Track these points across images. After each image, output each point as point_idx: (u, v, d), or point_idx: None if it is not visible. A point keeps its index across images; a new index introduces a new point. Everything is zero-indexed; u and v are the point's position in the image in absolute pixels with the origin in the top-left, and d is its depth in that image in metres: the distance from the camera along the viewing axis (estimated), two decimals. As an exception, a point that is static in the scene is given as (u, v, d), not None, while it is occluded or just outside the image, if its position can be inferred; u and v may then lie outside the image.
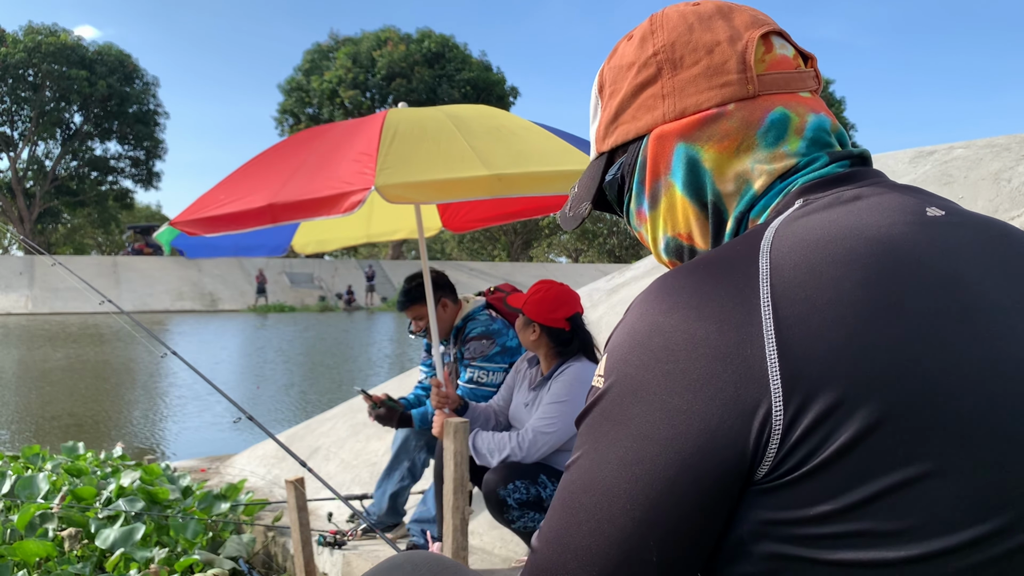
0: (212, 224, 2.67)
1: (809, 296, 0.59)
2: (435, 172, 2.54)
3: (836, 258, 0.61)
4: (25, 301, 30.36)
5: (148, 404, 10.25)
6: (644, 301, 0.65)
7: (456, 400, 2.79)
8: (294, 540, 2.91)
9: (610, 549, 0.61)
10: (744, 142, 0.73)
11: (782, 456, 0.57)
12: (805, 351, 0.57)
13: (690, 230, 0.77)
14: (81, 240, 56.84)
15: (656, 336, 0.62)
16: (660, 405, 0.60)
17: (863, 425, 0.56)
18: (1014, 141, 3.60)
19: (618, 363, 0.64)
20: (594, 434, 0.64)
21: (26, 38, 41.17)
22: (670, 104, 0.76)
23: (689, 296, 0.62)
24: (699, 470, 0.58)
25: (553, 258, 60.30)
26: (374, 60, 43.78)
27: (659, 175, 0.77)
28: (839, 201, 0.67)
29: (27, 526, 3.24)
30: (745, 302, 0.60)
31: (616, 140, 0.81)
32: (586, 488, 0.63)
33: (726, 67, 0.74)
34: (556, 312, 2.65)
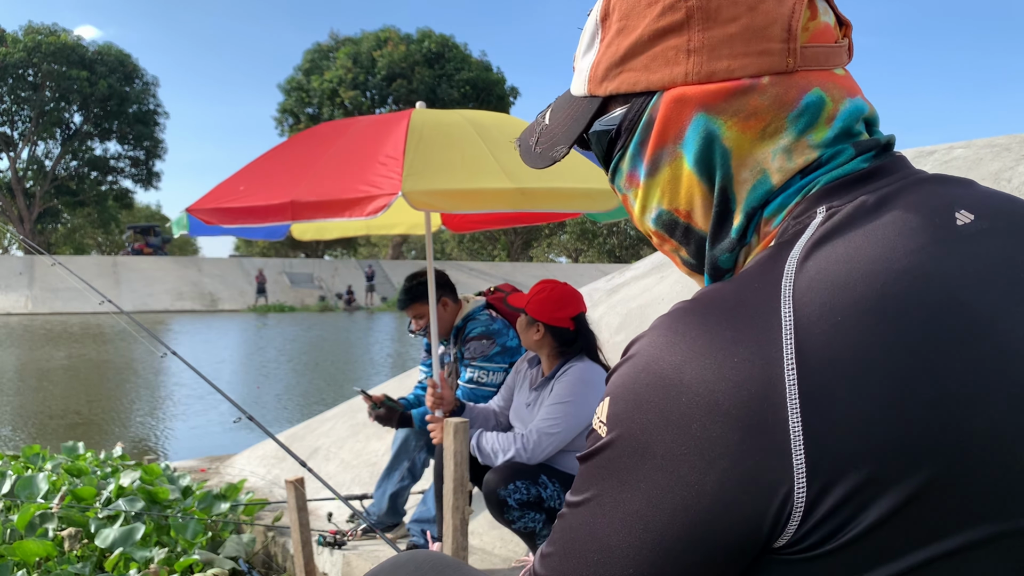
0: (231, 215, 2.64)
1: (838, 356, 0.53)
2: (460, 181, 2.53)
3: (866, 305, 0.54)
4: (25, 301, 30.36)
5: (148, 404, 10.25)
6: (653, 345, 0.58)
7: (452, 402, 2.78)
8: (294, 540, 2.91)
9: None
10: (772, 124, 0.64)
11: (803, 533, 0.53)
12: (834, 424, 0.52)
13: (691, 208, 0.69)
14: (81, 240, 56.84)
15: (667, 393, 0.55)
16: (670, 471, 0.55)
17: (897, 502, 0.51)
18: (1014, 141, 3.60)
19: (623, 415, 0.58)
20: (599, 485, 0.59)
21: (26, 38, 41.17)
22: (696, 63, 0.64)
23: (705, 347, 0.55)
24: (709, 544, 0.55)
25: (553, 258, 60.31)
26: (374, 60, 43.78)
27: (666, 141, 0.67)
28: (864, 211, 0.60)
29: (27, 526, 3.24)
30: (768, 362, 0.53)
31: (619, 87, 0.69)
32: (589, 539, 0.60)
33: (768, 32, 0.63)
34: (560, 311, 2.64)
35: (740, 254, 0.68)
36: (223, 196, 2.74)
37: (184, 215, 2.81)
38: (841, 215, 0.60)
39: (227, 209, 2.64)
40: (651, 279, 4.95)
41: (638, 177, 0.71)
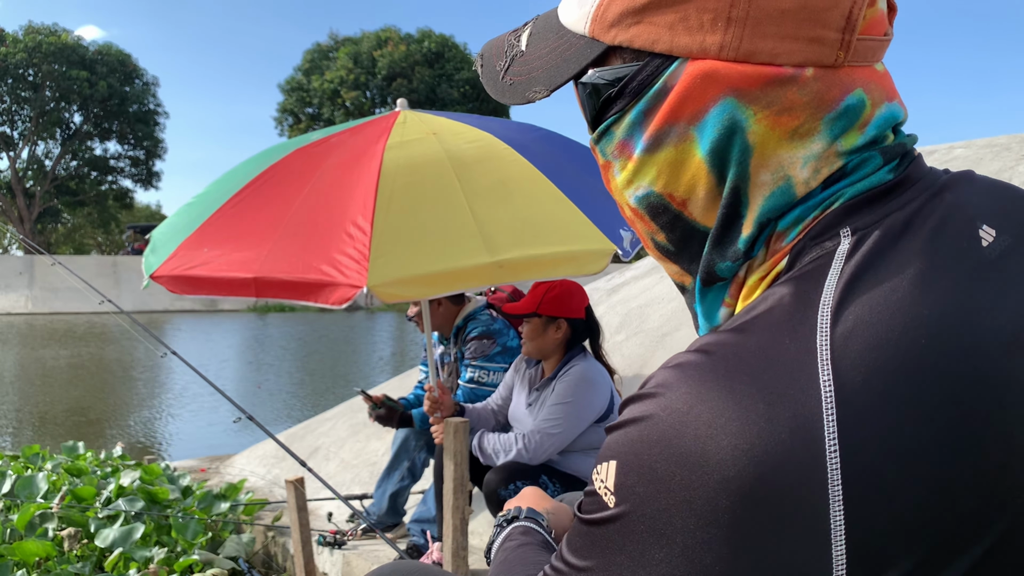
0: (194, 285, 2.49)
1: (884, 430, 0.47)
2: (432, 262, 2.30)
3: (910, 366, 0.48)
4: (25, 301, 30.36)
5: (148, 404, 10.25)
6: (668, 409, 0.50)
7: (450, 407, 2.77)
8: (294, 540, 2.91)
9: None
10: (806, 124, 0.55)
11: None
12: (880, 509, 0.46)
13: (690, 198, 0.59)
14: (81, 240, 56.84)
15: (689, 471, 0.48)
16: (691, 560, 0.48)
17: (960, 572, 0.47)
18: (1014, 141, 3.60)
19: (636, 489, 0.50)
20: (606, 558, 0.53)
21: (26, 38, 41.18)
22: (735, 35, 0.53)
23: (733, 417, 0.48)
24: None
25: (553, 258, 60.18)
26: (375, 60, 43.79)
27: (679, 119, 0.56)
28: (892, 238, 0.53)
29: (27, 526, 3.24)
30: (808, 439, 0.47)
31: (632, 40, 0.57)
32: None
33: (826, 16, 0.53)
34: (575, 303, 2.66)
35: (743, 267, 0.60)
36: (186, 260, 2.56)
37: (148, 268, 2.64)
38: (870, 244, 0.53)
39: (190, 278, 2.48)
40: (651, 279, 4.95)
41: (632, 149, 0.60)
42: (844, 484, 0.46)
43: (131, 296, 30.31)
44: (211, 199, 2.78)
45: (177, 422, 9.00)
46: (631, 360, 3.87)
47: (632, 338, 4.23)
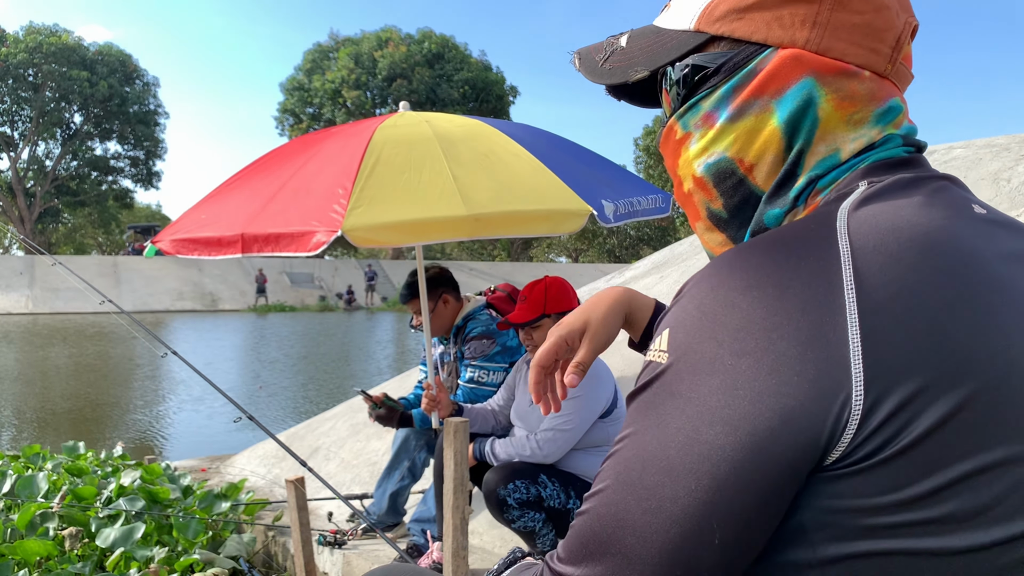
0: (187, 246, 2.71)
1: (892, 281, 0.59)
2: (409, 211, 2.46)
3: (912, 244, 0.61)
4: (25, 301, 30.36)
5: (148, 404, 10.26)
6: (714, 276, 0.63)
7: (449, 406, 2.77)
8: (294, 540, 2.91)
9: (671, 528, 0.59)
10: (860, 112, 0.70)
11: (857, 443, 0.56)
12: (889, 337, 0.57)
13: (757, 161, 0.72)
14: (81, 240, 56.86)
15: (733, 313, 0.59)
16: (734, 384, 0.58)
17: (944, 412, 0.56)
18: (1014, 141, 3.60)
19: (687, 338, 0.61)
20: (656, 410, 0.61)
21: (27, 38, 41.18)
22: (818, 35, 0.69)
23: (767, 274, 0.60)
24: (771, 453, 0.57)
25: (553, 258, 60.30)
26: (375, 61, 43.80)
27: (763, 93, 0.71)
28: (901, 185, 0.67)
29: (28, 525, 3.24)
30: (828, 284, 0.59)
31: (734, 31, 0.72)
32: (647, 465, 0.61)
33: (884, 36, 0.70)
34: (572, 294, 2.70)
35: (786, 217, 0.73)
36: (185, 225, 2.82)
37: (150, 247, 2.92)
38: (881, 185, 0.67)
39: (183, 240, 2.71)
40: (651, 279, 4.95)
41: (716, 118, 0.73)
42: (860, 316, 0.57)
43: (131, 296, 30.32)
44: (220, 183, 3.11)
45: (177, 422, 9.00)
46: (631, 360, 3.87)
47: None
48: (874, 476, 0.56)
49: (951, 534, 0.57)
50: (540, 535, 2.54)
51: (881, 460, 0.56)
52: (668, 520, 0.59)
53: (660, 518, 0.60)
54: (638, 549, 0.60)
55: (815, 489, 0.58)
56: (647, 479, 0.60)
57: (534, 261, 55.62)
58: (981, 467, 0.56)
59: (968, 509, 0.56)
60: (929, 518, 0.57)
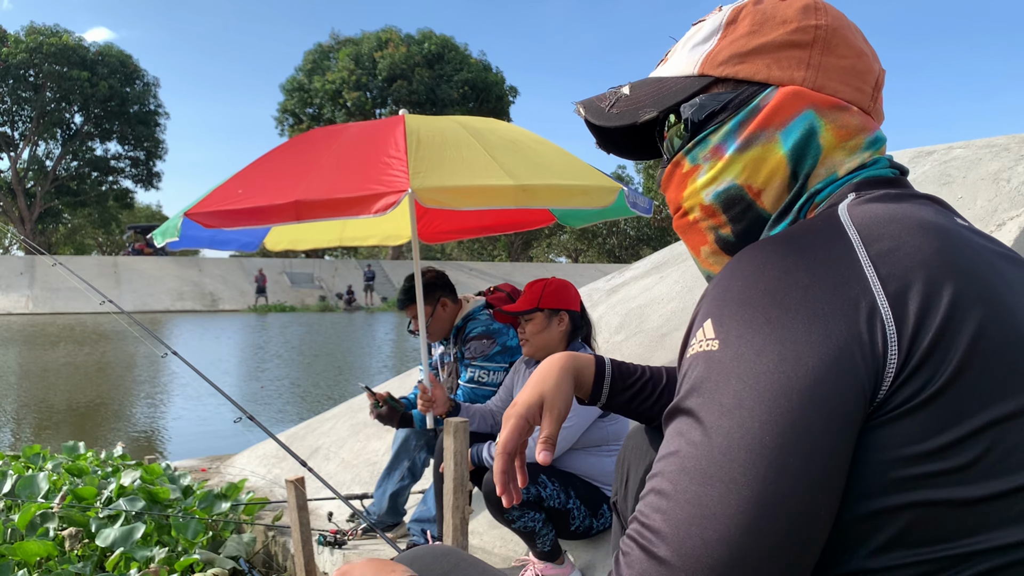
0: (233, 217, 2.63)
1: (896, 252, 0.66)
2: (464, 179, 2.58)
3: (911, 230, 0.68)
4: (26, 301, 30.36)
5: (149, 404, 10.26)
6: (741, 267, 0.69)
7: (445, 403, 2.76)
8: (294, 540, 2.91)
9: (780, 511, 0.59)
10: (854, 140, 0.79)
11: (895, 389, 0.62)
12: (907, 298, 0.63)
13: (765, 187, 0.80)
14: (82, 240, 56.86)
15: (768, 294, 0.65)
16: (794, 353, 0.62)
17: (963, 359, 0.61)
18: (1013, 141, 3.60)
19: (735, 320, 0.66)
20: (724, 399, 0.63)
21: (28, 38, 41.18)
22: (812, 74, 0.80)
23: (795, 257, 0.67)
24: (843, 413, 0.61)
25: (553, 258, 60.29)
26: (375, 61, 43.79)
27: (768, 125, 0.79)
28: (889, 196, 0.75)
29: (28, 526, 3.24)
30: (850, 260, 0.66)
31: (739, 73, 0.81)
32: (736, 453, 0.61)
33: (866, 78, 0.81)
34: (572, 296, 2.69)
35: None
36: (222, 200, 2.72)
37: (179, 219, 2.75)
38: (872, 195, 0.75)
39: (228, 211, 2.62)
40: (651, 279, 4.95)
41: (724, 150, 0.81)
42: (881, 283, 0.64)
43: (131, 296, 30.33)
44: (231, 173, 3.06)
45: (178, 422, 9.00)
46: (630, 360, 3.87)
47: (632, 338, 4.24)
48: (909, 424, 0.61)
49: (971, 483, 0.60)
50: (540, 535, 2.54)
51: (916, 405, 0.61)
52: (777, 503, 0.59)
53: (767, 503, 0.59)
54: (749, 543, 0.59)
55: (862, 443, 0.62)
56: (739, 469, 0.60)
57: (534, 261, 55.62)
58: (1000, 417, 0.61)
59: (987, 458, 0.60)
60: (952, 467, 0.60)
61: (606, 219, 3.69)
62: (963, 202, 3.28)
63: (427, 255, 49.61)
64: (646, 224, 52.39)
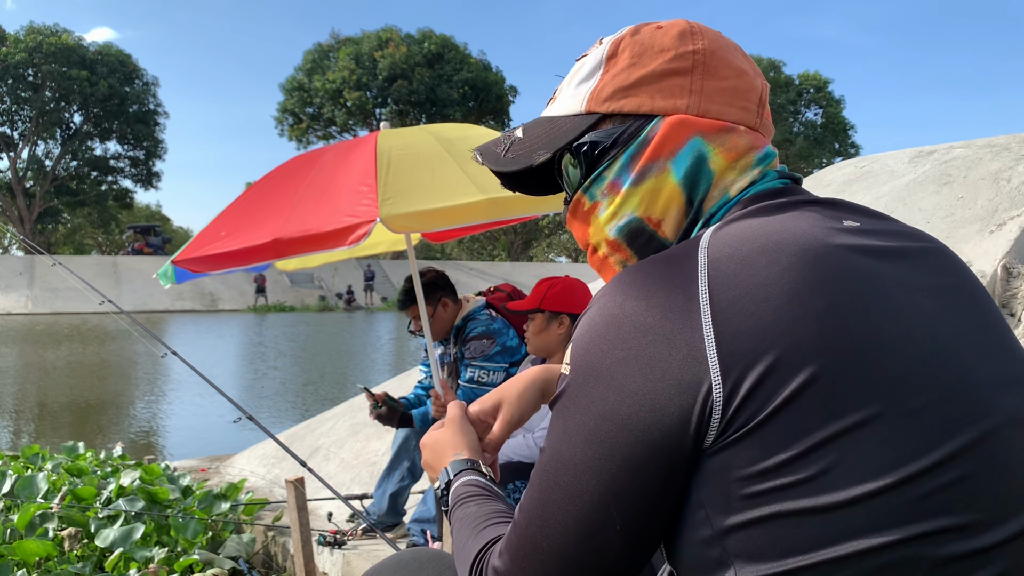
0: (217, 261, 2.70)
1: (742, 282, 0.66)
2: (434, 200, 2.58)
3: (766, 248, 0.69)
4: (25, 301, 30.37)
5: (148, 404, 10.26)
6: (602, 296, 0.72)
7: None
8: (294, 540, 2.91)
9: (580, 520, 0.68)
10: (744, 159, 0.80)
11: (725, 424, 0.63)
12: (739, 329, 0.64)
13: (664, 217, 0.81)
14: (81, 240, 56.86)
15: (612, 326, 0.68)
16: (617, 387, 0.67)
17: (797, 385, 0.62)
18: (1014, 141, 3.60)
19: (581, 352, 0.70)
20: (563, 416, 0.71)
21: (27, 38, 41.17)
22: (695, 100, 0.80)
23: (639, 289, 0.69)
24: (652, 444, 0.65)
25: (553, 258, 60.31)
26: (375, 61, 43.79)
27: (659, 156, 0.80)
28: (767, 209, 0.76)
29: (27, 526, 3.24)
30: (686, 292, 0.67)
31: (623, 107, 0.82)
32: (558, 466, 0.70)
33: (749, 96, 0.82)
34: (578, 299, 2.65)
35: None
36: (206, 243, 2.81)
37: (170, 266, 2.87)
38: (748, 209, 0.76)
39: (212, 256, 2.70)
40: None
41: (620, 185, 0.82)
42: (713, 314, 0.65)
43: (131, 296, 30.32)
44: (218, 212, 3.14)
45: (177, 422, 9.00)
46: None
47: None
48: (747, 447, 0.63)
49: (823, 492, 0.62)
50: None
51: (749, 430, 0.62)
52: (578, 513, 0.68)
53: (572, 512, 0.68)
54: (560, 542, 0.69)
55: (701, 468, 0.65)
56: (559, 479, 0.69)
57: (534, 261, 55.63)
58: (837, 431, 0.62)
59: (833, 468, 0.62)
60: (800, 479, 0.62)
61: None
62: (963, 202, 3.28)
63: (427, 255, 49.62)
64: (646, 224, 52.24)
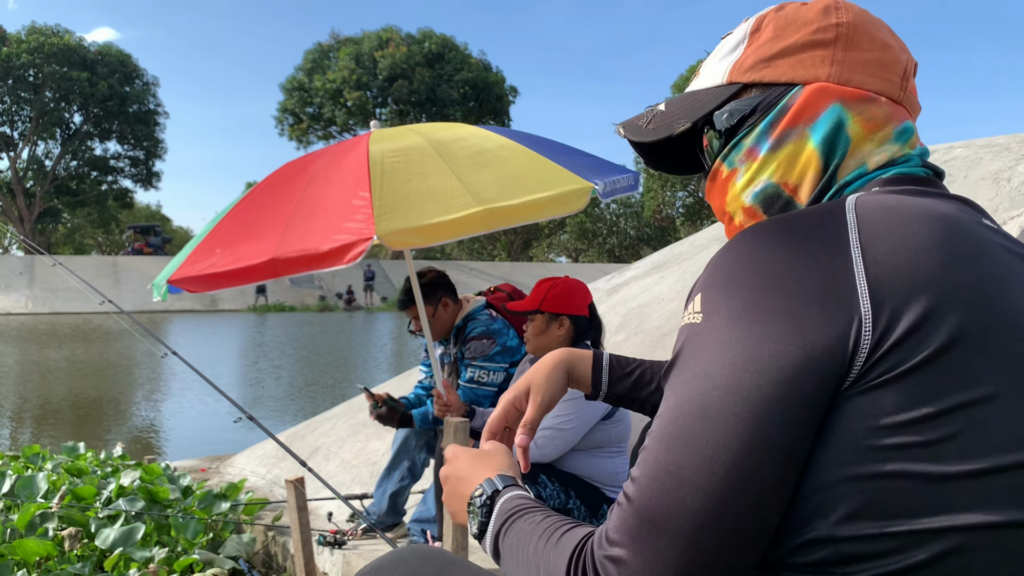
0: (212, 281, 2.64)
1: (893, 240, 0.67)
2: (430, 214, 2.54)
3: (917, 216, 0.69)
4: (25, 301, 30.37)
5: (148, 404, 10.26)
6: (740, 243, 0.71)
7: (461, 407, 2.77)
8: (294, 540, 2.91)
9: (729, 473, 0.64)
10: (882, 131, 0.81)
11: (869, 366, 0.63)
12: (891, 279, 0.65)
13: (800, 182, 0.82)
14: (81, 240, 56.88)
15: (758, 267, 0.68)
16: (762, 328, 0.65)
17: (941, 343, 0.63)
18: (1014, 141, 3.60)
19: (719, 295, 0.69)
20: (693, 367, 0.68)
21: (29, 38, 41.18)
22: (837, 70, 0.81)
23: (787, 237, 0.69)
24: (800, 384, 0.64)
25: (553, 258, 60.30)
26: (376, 61, 43.79)
27: (797, 122, 0.81)
28: (912, 191, 0.76)
29: (27, 525, 3.24)
30: (837, 242, 0.68)
31: (766, 77, 0.84)
32: (692, 421, 0.66)
33: (893, 68, 0.82)
34: (578, 300, 2.64)
35: None
36: (200, 261, 2.74)
37: (165, 284, 2.80)
38: (890, 188, 0.77)
39: (208, 276, 2.64)
40: (651, 279, 4.95)
41: (758, 152, 0.84)
42: (864, 263, 0.66)
43: (131, 296, 30.31)
44: (210, 223, 3.01)
45: (177, 422, 9.00)
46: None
47: (632, 338, 4.24)
48: (884, 395, 0.63)
49: (942, 460, 0.62)
50: (540, 535, 2.53)
51: (894, 376, 0.63)
52: (725, 466, 0.64)
53: (717, 468, 0.64)
54: (700, 505, 0.64)
55: (835, 413, 0.65)
56: (698, 431, 0.65)
57: (534, 261, 55.63)
58: (968, 401, 0.62)
59: (958, 437, 0.62)
60: (925, 441, 0.62)
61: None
62: (963, 202, 3.28)
63: (427, 255, 49.61)
64: (646, 224, 52.40)
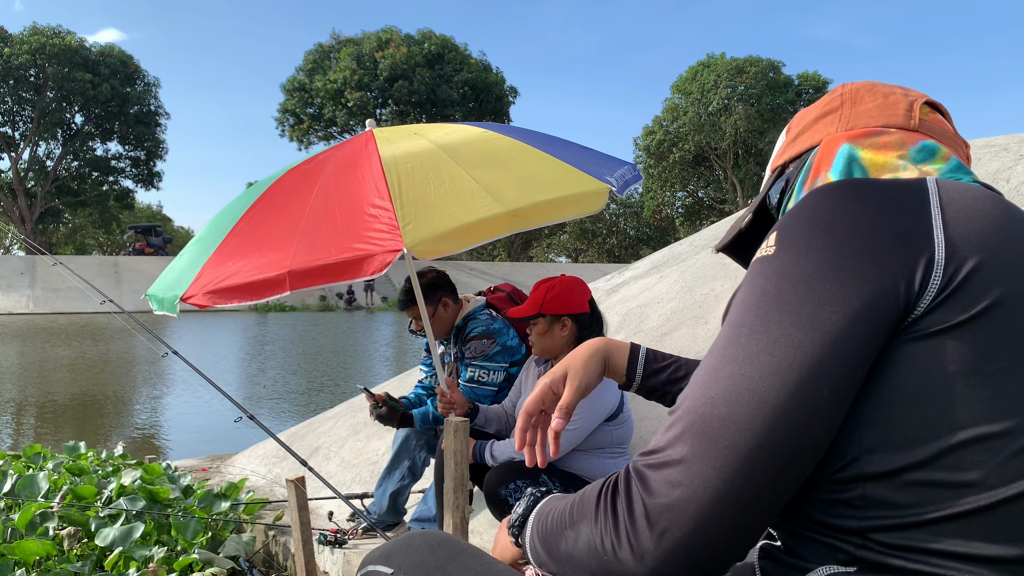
0: (227, 295, 2.55)
1: (970, 209, 0.75)
2: (454, 218, 2.47)
3: (985, 196, 0.78)
4: (26, 301, 30.39)
5: (149, 403, 10.26)
6: (820, 193, 0.78)
7: (464, 405, 2.77)
8: (295, 539, 2.91)
9: (784, 388, 0.69)
10: (897, 152, 0.87)
11: (934, 307, 0.70)
12: (965, 237, 0.72)
13: None
14: (82, 240, 56.92)
15: (841, 213, 0.75)
16: (840, 267, 0.71)
17: (994, 298, 0.70)
18: (1013, 141, 3.60)
19: (800, 232, 0.75)
20: (763, 290, 0.74)
21: (31, 39, 41.21)
22: (844, 123, 0.93)
23: (873, 192, 0.76)
24: (873, 312, 0.70)
25: (553, 258, 60.30)
26: (376, 61, 43.81)
27: (820, 172, 0.90)
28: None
29: (27, 525, 3.24)
30: (921, 198, 0.75)
31: (790, 154, 0.97)
32: (754, 333, 0.72)
33: (896, 108, 0.92)
34: (578, 298, 2.62)
35: None
36: (214, 277, 2.65)
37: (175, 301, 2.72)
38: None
39: (222, 289, 2.55)
40: (650, 279, 4.96)
41: None
42: (943, 222, 0.73)
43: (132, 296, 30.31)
44: (216, 230, 2.89)
45: (178, 422, 9.00)
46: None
47: (632, 338, 4.24)
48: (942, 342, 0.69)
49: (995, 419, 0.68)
50: (540, 535, 2.54)
51: (948, 327, 0.69)
52: (784, 380, 0.69)
53: (776, 381, 0.69)
54: (756, 416, 0.69)
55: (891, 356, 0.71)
56: (758, 349, 0.71)
57: (534, 261, 55.63)
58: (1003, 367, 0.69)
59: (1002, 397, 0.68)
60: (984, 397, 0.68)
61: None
62: (963, 202, 3.28)
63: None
64: (646, 224, 52.38)
